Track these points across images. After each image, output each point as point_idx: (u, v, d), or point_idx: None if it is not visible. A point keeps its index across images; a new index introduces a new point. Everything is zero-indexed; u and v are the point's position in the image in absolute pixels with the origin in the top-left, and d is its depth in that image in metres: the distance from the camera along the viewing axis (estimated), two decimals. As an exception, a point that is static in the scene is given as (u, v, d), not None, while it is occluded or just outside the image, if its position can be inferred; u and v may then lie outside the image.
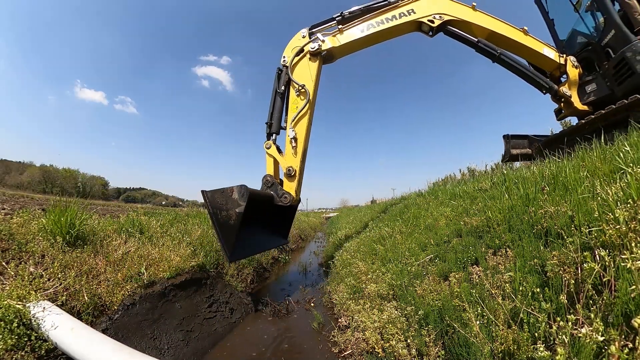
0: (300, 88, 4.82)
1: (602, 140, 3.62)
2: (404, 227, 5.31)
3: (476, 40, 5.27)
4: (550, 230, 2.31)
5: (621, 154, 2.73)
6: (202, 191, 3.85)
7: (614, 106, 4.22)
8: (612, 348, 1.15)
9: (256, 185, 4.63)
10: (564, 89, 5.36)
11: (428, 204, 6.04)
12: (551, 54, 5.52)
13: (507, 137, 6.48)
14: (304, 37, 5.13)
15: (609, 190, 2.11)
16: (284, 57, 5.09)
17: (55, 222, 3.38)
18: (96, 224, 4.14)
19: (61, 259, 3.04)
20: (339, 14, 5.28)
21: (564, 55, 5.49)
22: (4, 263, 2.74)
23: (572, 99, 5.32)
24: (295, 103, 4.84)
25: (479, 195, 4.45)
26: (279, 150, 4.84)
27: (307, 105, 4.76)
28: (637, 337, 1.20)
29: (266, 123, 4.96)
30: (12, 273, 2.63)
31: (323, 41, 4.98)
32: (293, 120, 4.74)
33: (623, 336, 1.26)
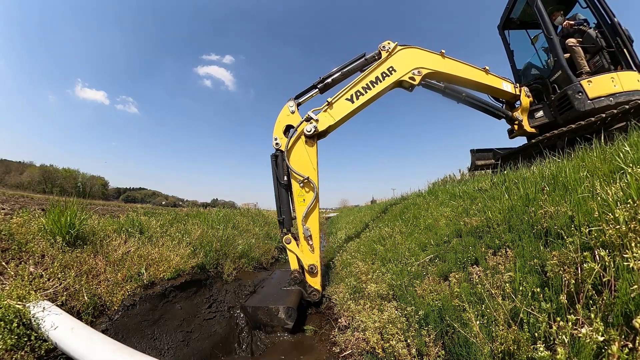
0: (304, 180, 4.46)
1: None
2: (404, 227, 5.31)
3: (443, 86, 5.55)
4: (550, 230, 2.31)
5: (621, 154, 2.73)
6: (243, 307, 4.01)
7: (555, 131, 5.21)
8: (613, 348, 1.15)
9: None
10: (517, 114, 6.25)
11: (428, 204, 6.04)
12: (509, 87, 6.23)
13: (472, 151, 7.65)
14: (292, 112, 4.74)
15: (609, 190, 2.10)
16: (275, 139, 4.66)
17: (55, 222, 3.37)
18: (96, 224, 4.13)
19: (61, 259, 3.03)
20: (319, 81, 4.94)
21: (519, 86, 6.33)
22: (4, 263, 2.74)
23: (522, 123, 6.24)
24: (301, 195, 4.54)
25: (479, 195, 4.45)
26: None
27: (316, 198, 4.48)
28: (638, 338, 1.20)
29: (278, 220, 4.74)
30: (12, 273, 2.62)
31: (317, 120, 4.64)
32: (304, 216, 4.45)
33: (623, 336, 1.26)
